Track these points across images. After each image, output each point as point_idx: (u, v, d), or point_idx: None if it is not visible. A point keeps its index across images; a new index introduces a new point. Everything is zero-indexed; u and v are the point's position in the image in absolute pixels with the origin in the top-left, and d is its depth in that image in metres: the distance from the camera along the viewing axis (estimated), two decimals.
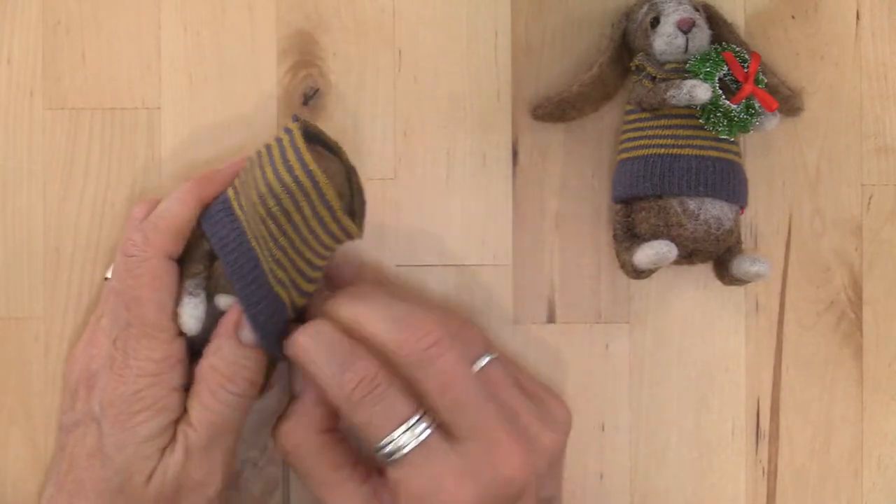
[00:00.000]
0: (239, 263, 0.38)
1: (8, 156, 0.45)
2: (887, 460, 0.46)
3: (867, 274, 0.46)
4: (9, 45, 0.45)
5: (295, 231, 0.37)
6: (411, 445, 0.36)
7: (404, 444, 0.36)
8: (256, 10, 0.45)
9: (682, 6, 0.42)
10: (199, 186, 0.40)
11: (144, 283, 0.39)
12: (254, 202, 0.37)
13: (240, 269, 0.38)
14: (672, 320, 0.46)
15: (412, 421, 0.36)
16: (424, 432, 0.36)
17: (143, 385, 0.38)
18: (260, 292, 0.38)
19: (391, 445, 0.36)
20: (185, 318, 0.39)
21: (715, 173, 0.41)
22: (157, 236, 0.39)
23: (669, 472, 0.46)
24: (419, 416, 0.36)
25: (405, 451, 0.36)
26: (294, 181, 0.36)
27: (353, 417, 0.36)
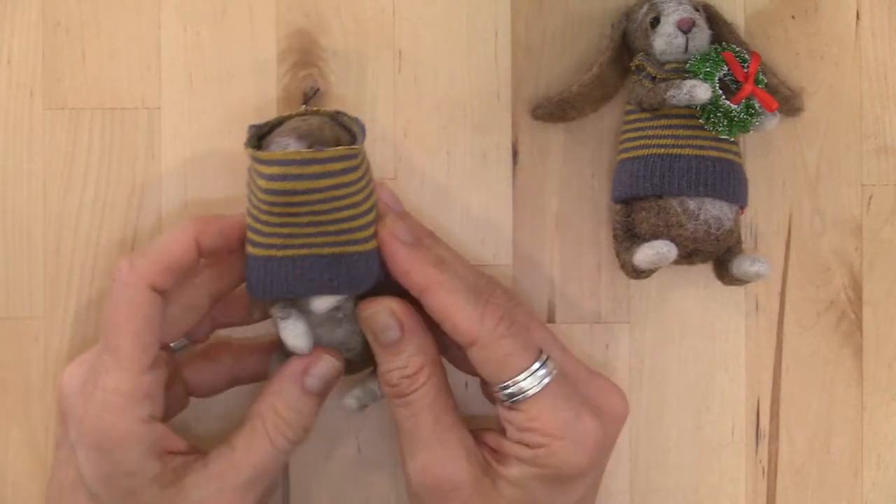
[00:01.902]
0: (289, 285, 0.37)
1: (8, 156, 0.45)
2: (887, 460, 0.46)
3: (867, 274, 0.46)
4: (9, 45, 0.45)
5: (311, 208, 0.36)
6: (544, 382, 0.38)
7: (528, 388, 0.37)
8: (256, 10, 0.45)
9: (682, 6, 0.42)
10: (197, 226, 0.39)
11: (121, 309, 0.37)
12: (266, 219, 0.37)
13: (298, 285, 0.37)
14: (672, 320, 0.46)
15: (543, 358, 0.38)
16: (547, 377, 0.38)
17: (108, 421, 0.36)
18: (333, 277, 0.37)
19: (514, 388, 0.38)
20: (291, 340, 0.38)
21: (715, 173, 0.41)
22: (143, 264, 0.38)
23: (669, 471, 0.46)
24: (542, 363, 0.38)
25: (529, 393, 0.37)
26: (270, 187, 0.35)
27: (489, 351, 0.37)
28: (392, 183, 0.45)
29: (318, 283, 0.37)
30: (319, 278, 0.37)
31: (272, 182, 0.35)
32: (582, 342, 0.46)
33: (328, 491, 0.45)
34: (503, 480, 0.38)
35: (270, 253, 0.37)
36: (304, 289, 0.37)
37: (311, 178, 0.35)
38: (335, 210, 0.36)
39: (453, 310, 0.38)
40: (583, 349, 0.45)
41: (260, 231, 0.37)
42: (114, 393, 0.37)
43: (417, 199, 0.45)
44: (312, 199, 0.36)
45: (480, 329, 0.37)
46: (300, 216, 0.36)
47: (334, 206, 0.36)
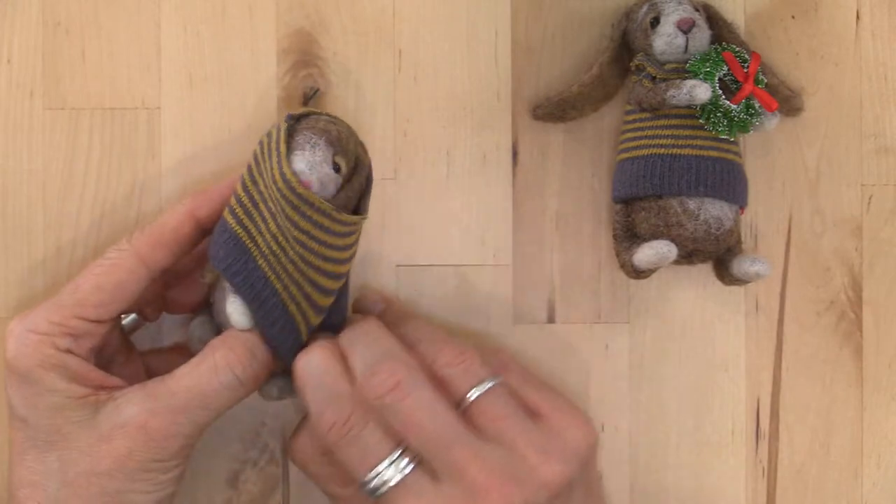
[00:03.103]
0: (248, 284, 0.37)
1: (8, 156, 0.45)
2: (887, 460, 0.46)
3: (867, 274, 0.46)
4: (9, 45, 0.45)
5: (296, 239, 0.37)
6: (395, 479, 0.36)
7: (389, 479, 0.36)
8: (256, 10, 0.45)
9: (682, 6, 0.42)
10: (194, 201, 0.40)
11: (101, 263, 0.39)
12: (260, 212, 0.37)
13: (250, 290, 0.37)
14: (672, 320, 0.46)
15: (393, 457, 0.36)
16: (408, 467, 0.36)
17: (32, 341, 0.38)
18: (274, 313, 0.38)
19: (375, 481, 0.36)
20: (236, 315, 0.38)
21: (715, 173, 0.41)
22: (140, 238, 0.39)
23: (669, 472, 0.46)
24: (399, 453, 0.36)
25: (390, 484, 0.36)
26: (279, 191, 0.36)
27: (334, 454, 0.37)
28: (392, 183, 0.45)
29: (266, 304, 0.38)
30: (266, 302, 0.38)
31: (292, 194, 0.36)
32: (582, 342, 0.46)
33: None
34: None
35: (242, 235, 0.37)
36: (253, 294, 0.37)
37: (319, 226, 0.36)
38: (316, 258, 0.37)
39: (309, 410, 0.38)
40: (583, 349, 0.45)
41: (245, 208, 0.37)
42: (40, 322, 0.38)
43: (417, 199, 0.45)
44: (303, 239, 0.36)
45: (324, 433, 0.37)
46: (289, 244, 0.37)
47: (320, 253, 0.37)
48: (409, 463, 0.36)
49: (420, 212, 0.45)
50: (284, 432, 0.45)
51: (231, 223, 0.38)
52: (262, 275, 0.37)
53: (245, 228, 0.37)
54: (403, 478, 0.36)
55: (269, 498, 0.45)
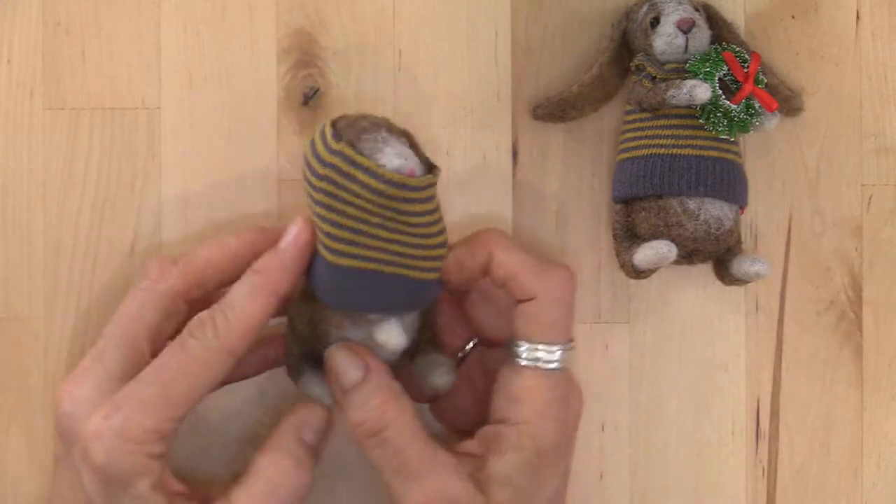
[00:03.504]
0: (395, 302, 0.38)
1: (8, 156, 0.45)
2: (887, 460, 0.46)
3: (867, 274, 0.46)
4: (9, 45, 0.45)
5: (417, 224, 0.37)
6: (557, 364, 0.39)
7: (550, 360, 0.39)
8: (256, 10, 0.45)
9: (682, 6, 0.42)
10: (274, 282, 0.38)
11: (190, 364, 0.37)
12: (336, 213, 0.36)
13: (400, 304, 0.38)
14: (672, 320, 0.46)
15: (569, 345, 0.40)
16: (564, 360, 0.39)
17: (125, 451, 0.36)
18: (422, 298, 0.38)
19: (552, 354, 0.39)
20: (395, 339, 0.38)
21: (715, 173, 0.41)
22: (227, 334, 0.37)
23: (669, 471, 0.46)
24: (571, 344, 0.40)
25: (552, 365, 0.39)
26: (388, 198, 0.35)
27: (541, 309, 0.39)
28: None
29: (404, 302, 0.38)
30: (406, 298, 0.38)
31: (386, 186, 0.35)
32: (582, 342, 0.45)
33: (328, 491, 0.45)
34: (492, 484, 0.38)
35: (360, 265, 0.36)
36: (397, 307, 0.38)
37: (419, 200, 0.36)
38: (431, 235, 0.37)
39: (518, 267, 0.39)
40: (583, 349, 0.45)
41: (343, 238, 0.36)
42: (134, 429, 0.36)
43: None
44: (425, 220, 0.37)
45: (541, 286, 0.38)
46: (408, 236, 0.36)
47: (432, 230, 0.37)
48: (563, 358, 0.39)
49: None
50: None
51: (345, 263, 0.37)
52: (402, 280, 0.37)
53: (360, 258, 0.37)
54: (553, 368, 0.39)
55: None
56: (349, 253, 0.36)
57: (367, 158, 0.35)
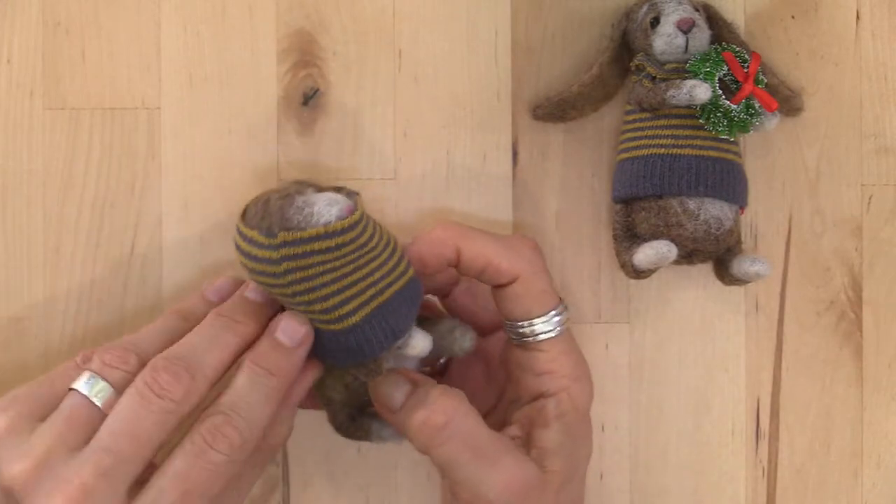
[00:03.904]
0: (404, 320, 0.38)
1: (8, 156, 0.45)
2: (887, 460, 0.46)
3: (867, 274, 0.46)
4: (9, 45, 0.45)
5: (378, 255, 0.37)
6: (561, 328, 0.40)
7: (553, 327, 0.40)
8: (256, 10, 0.45)
9: (682, 6, 0.42)
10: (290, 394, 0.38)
11: (214, 472, 0.35)
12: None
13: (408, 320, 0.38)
14: (672, 320, 0.46)
15: (562, 305, 0.40)
16: (566, 320, 0.40)
17: None
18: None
19: (552, 321, 0.40)
20: (427, 345, 0.38)
21: (715, 173, 0.41)
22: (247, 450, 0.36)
23: (669, 472, 0.46)
24: (565, 304, 0.41)
25: (556, 331, 0.40)
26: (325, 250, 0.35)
27: (529, 284, 0.39)
28: (392, 183, 0.45)
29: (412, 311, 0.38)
30: (409, 307, 0.38)
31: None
32: (582, 342, 0.45)
33: (328, 491, 0.45)
34: (547, 457, 0.38)
35: (362, 314, 0.36)
36: (408, 324, 0.38)
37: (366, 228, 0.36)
38: (388, 245, 0.37)
39: (490, 254, 0.39)
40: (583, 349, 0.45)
41: (338, 303, 0.36)
42: None
43: (417, 198, 0.45)
44: (373, 245, 0.36)
45: (520, 263, 0.39)
46: (363, 265, 0.36)
47: (382, 244, 0.37)
48: (564, 319, 0.40)
49: (420, 212, 0.45)
50: None
51: (353, 321, 0.36)
52: (399, 296, 0.37)
53: (362, 305, 0.36)
54: (561, 331, 0.40)
55: (269, 498, 0.45)
56: (351, 311, 0.36)
57: (309, 229, 0.34)
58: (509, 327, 0.40)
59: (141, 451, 0.34)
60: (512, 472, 0.37)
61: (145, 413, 0.35)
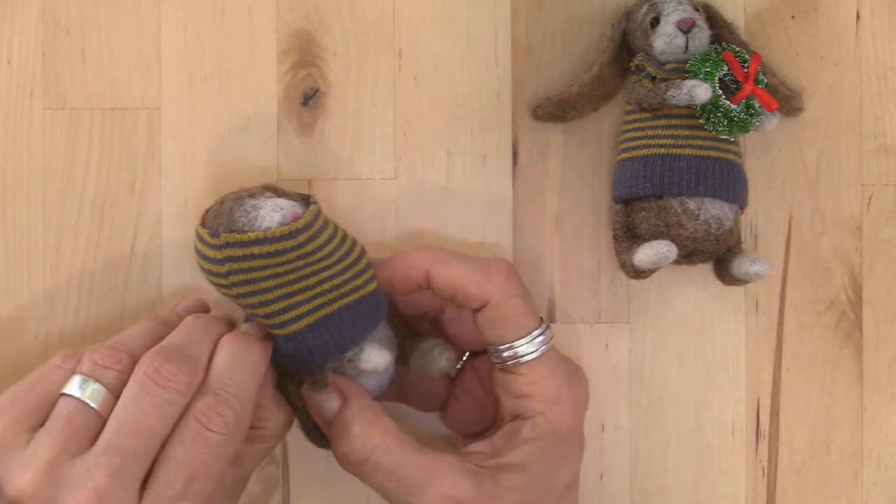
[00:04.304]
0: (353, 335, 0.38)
1: (8, 156, 0.45)
2: (887, 460, 0.46)
3: (867, 274, 0.46)
4: (9, 45, 0.45)
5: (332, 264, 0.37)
6: (542, 348, 0.39)
7: (532, 349, 0.39)
8: (256, 10, 0.45)
9: (682, 6, 0.42)
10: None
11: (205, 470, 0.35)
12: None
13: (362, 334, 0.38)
14: (672, 320, 0.46)
15: (544, 325, 0.40)
16: (550, 339, 0.40)
17: None
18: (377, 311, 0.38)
19: (529, 344, 0.39)
20: (381, 361, 0.38)
21: (715, 173, 0.41)
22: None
23: (669, 472, 0.46)
24: (547, 325, 0.40)
25: (536, 353, 0.39)
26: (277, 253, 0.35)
27: (500, 311, 0.39)
28: (392, 183, 0.45)
29: (367, 324, 0.38)
30: (366, 320, 0.38)
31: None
32: (582, 342, 0.46)
33: (328, 491, 0.45)
34: (504, 471, 0.38)
35: (305, 322, 0.37)
36: (360, 336, 0.38)
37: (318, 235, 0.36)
38: (347, 256, 0.37)
39: (459, 278, 0.38)
40: (583, 349, 0.45)
41: (280, 309, 0.37)
42: None
43: (417, 198, 0.45)
44: (329, 252, 0.36)
45: (490, 288, 0.38)
46: (310, 275, 0.36)
47: (338, 255, 0.37)
48: (546, 340, 0.40)
49: (420, 212, 0.45)
50: None
51: (295, 328, 0.37)
52: (350, 308, 0.37)
53: (306, 314, 0.37)
54: (541, 353, 0.39)
55: (269, 498, 0.45)
56: (293, 318, 0.37)
57: (250, 233, 0.35)
58: (489, 350, 0.40)
59: (148, 446, 0.34)
60: (439, 496, 0.37)
61: (150, 407, 0.35)
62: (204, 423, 0.35)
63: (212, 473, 0.35)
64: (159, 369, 0.35)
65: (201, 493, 0.35)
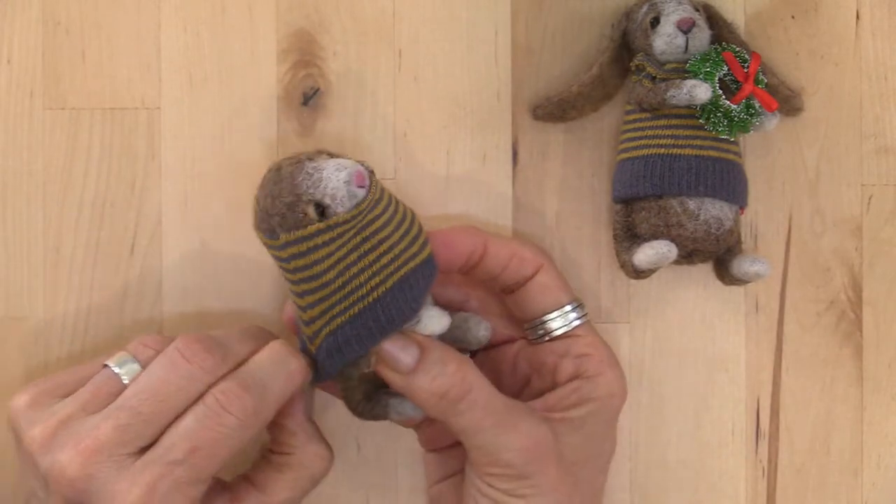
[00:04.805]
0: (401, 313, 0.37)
1: (8, 156, 0.45)
2: (887, 460, 0.46)
3: (867, 274, 0.46)
4: (9, 45, 0.45)
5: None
6: (585, 316, 0.42)
7: (580, 315, 0.41)
8: (256, 10, 0.45)
9: (682, 6, 0.42)
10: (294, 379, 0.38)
11: (213, 432, 0.36)
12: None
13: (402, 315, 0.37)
14: (672, 320, 0.46)
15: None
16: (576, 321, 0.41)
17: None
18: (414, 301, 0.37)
19: (576, 310, 0.41)
20: (441, 325, 0.37)
21: (715, 173, 0.41)
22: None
23: (669, 472, 0.46)
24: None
25: (583, 319, 0.41)
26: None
27: (551, 275, 0.41)
28: (392, 183, 0.45)
29: (426, 287, 0.38)
30: (425, 283, 0.38)
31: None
32: None
33: (328, 491, 0.45)
34: (565, 426, 0.39)
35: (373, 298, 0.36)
36: (419, 305, 0.37)
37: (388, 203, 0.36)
38: (406, 220, 0.37)
39: (514, 247, 0.41)
40: None
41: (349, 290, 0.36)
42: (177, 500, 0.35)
43: (417, 199, 0.45)
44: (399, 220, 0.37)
45: (542, 255, 0.41)
46: (392, 237, 0.36)
47: (406, 216, 0.37)
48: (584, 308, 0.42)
49: (420, 212, 0.45)
50: None
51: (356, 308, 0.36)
52: (411, 277, 0.37)
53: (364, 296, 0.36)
54: (586, 320, 0.42)
55: None
56: (368, 290, 0.36)
57: (310, 226, 0.35)
58: (537, 325, 0.41)
59: (160, 413, 0.35)
60: (529, 434, 0.38)
61: (171, 377, 0.36)
62: (222, 402, 0.35)
63: (217, 454, 0.35)
64: (189, 346, 0.36)
65: (201, 468, 0.35)
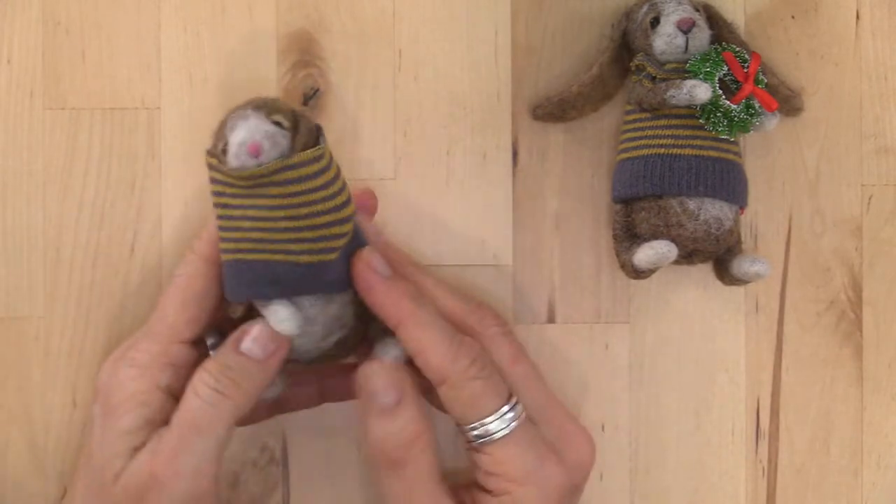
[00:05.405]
0: (271, 286, 0.36)
1: (8, 156, 0.45)
2: (887, 460, 0.46)
3: (867, 274, 0.46)
4: (9, 45, 0.45)
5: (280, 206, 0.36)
6: (511, 426, 0.37)
7: (498, 428, 0.37)
8: (256, 10, 0.45)
9: (682, 6, 0.42)
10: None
11: (178, 284, 0.39)
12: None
13: (278, 288, 0.36)
14: (672, 320, 0.46)
15: (513, 402, 0.38)
16: (520, 417, 0.38)
17: (130, 376, 0.38)
18: (317, 279, 0.37)
19: (493, 423, 0.37)
20: (277, 326, 0.36)
21: (715, 173, 0.41)
22: (201, 243, 0.39)
23: (669, 472, 0.46)
24: (515, 401, 0.38)
25: (503, 432, 0.37)
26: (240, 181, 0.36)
27: (458, 391, 0.37)
28: (392, 183, 0.45)
29: (293, 286, 0.37)
30: (295, 283, 0.37)
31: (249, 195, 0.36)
32: (582, 342, 0.46)
33: (328, 491, 0.45)
34: None
35: (239, 256, 0.36)
36: (276, 293, 0.37)
37: (285, 183, 0.35)
38: (313, 215, 0.36)
39: (426, 346, 0.37)
40: (583, 349, 0.45)
41: (230, 236, 0.37)
42: (143, 352, 0.38)
43: (417, 199, 0.45)
44: (287, 204, 0.36)
45: (452, 368, 0.37)
46: (277, 220, 0.36)
47: (312, 210, 0.36)
48: (514, 418, 0.37)
49: (420, 212, 0.45)
50: (284, 432, 0.45)
51: (225, 256, 0.37)
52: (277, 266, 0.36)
53: (235, 250, 0.37)
54: (518, 423, 0.38)
55: (269, 498, 0.45)
56: (227, 248, 0.37)
57: (218, 165, 0.36)
58: (457, 426, 0.39)
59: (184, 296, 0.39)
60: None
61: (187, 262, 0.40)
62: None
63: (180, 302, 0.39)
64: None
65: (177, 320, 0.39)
